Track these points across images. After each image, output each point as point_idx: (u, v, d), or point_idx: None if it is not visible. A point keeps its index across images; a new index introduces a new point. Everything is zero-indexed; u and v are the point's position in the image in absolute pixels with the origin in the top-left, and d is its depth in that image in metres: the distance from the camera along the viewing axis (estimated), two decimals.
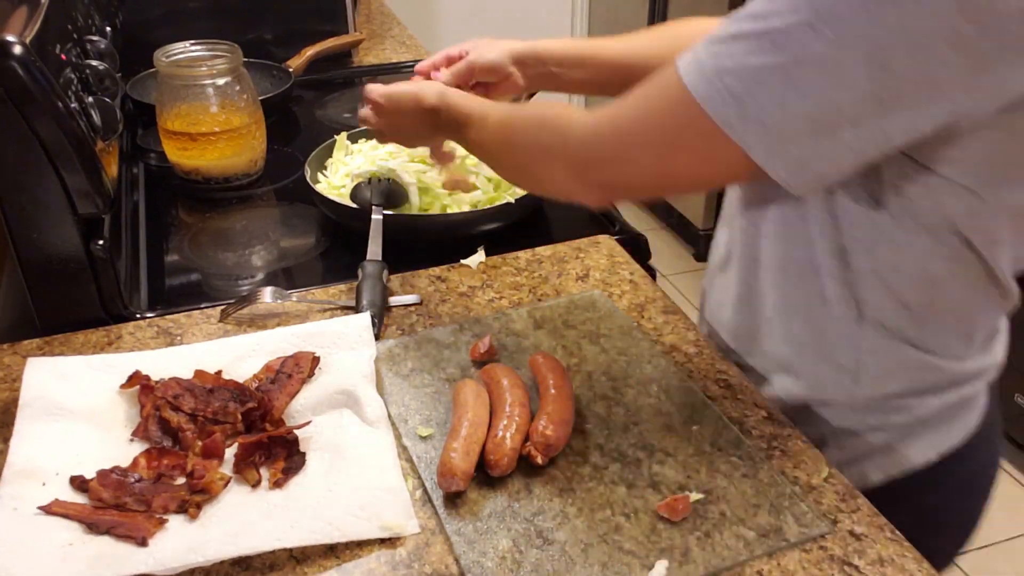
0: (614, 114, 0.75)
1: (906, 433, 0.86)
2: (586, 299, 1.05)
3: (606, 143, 0.75)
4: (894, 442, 0.86)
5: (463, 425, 0.79)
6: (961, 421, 0.87)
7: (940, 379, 0.84)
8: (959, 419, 0.87)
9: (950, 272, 0.77)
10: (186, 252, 1.22)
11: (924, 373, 0.83)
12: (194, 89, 1.30)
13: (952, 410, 0.86)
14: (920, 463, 0.86)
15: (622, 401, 0.88)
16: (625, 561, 0.71)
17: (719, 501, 0.76)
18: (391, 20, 2.31)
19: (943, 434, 0.87)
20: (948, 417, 0.86)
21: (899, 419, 0.85)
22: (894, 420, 0.85)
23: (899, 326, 0.81)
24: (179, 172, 1.36)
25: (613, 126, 0.75)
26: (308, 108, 1.69)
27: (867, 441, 0.87)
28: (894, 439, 0.86)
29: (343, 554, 0.72)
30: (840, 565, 0.71)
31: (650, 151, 0.72)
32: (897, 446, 0.86)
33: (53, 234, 0.97)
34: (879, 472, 0.87)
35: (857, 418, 0.86)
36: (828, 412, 0.87)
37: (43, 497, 0.75)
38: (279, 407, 0.85)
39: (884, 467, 0.87)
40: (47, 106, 0.92)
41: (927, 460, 0.86)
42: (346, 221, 1.21)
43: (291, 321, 1.01)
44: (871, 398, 0.85)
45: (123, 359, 0.92)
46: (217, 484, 0.76)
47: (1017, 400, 2.24)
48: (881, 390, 0.84)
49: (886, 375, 0.84)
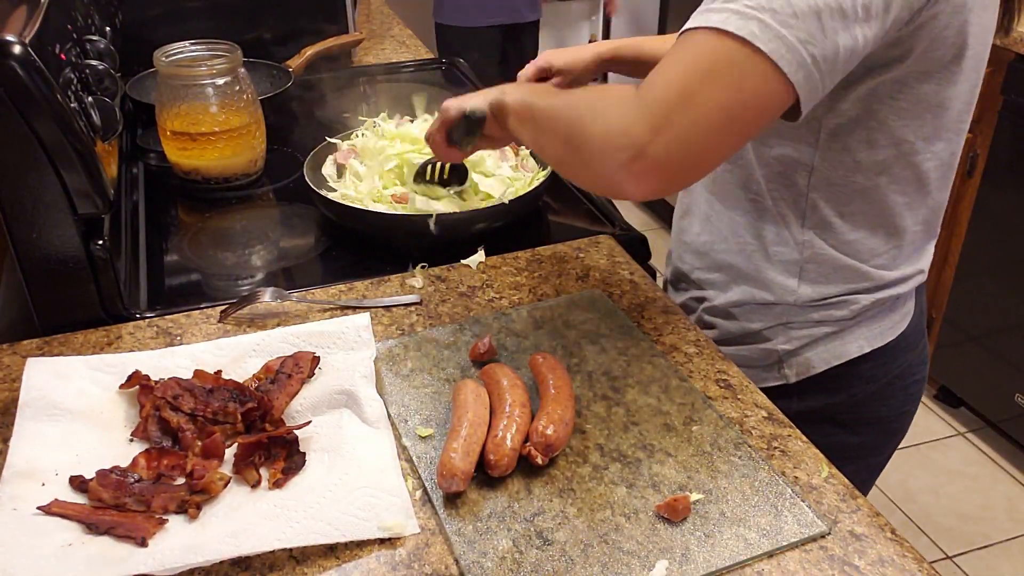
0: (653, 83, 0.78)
1: (844, 327, 1.01)
2: (586, 299, 1.05)
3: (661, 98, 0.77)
4: (834, 334, 1.02)
5: (463, 425, 0.79)
6: (890, 320, 1.03)
7: (872, 283, 0.99)
8: (888, 319, 1.03)
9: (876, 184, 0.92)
10: (186, 252, 1.22)
11: (858, 278, 0.98)
12: (194, 89, 1.29)
13: (883, 310, 1.02)
14: (855, 354, 1.02)
15: (622, 401, 0.88)
16: (625, 561, 0.71)
17: (719, 501, 0.76)
18: (391, 20, 2.31)
19: (875, 330, 1.02)
20: (880, 315, 1.02)
21: (838, 314, 1.00)
22: (834, 315, 1.00)
23: (835, 236, 0.96)
24: (179, 172, 1.36)
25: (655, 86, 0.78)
26: (308, 108, 1.69)
27: (811, 333, 1.02)
28: (834, 331, 1.02)
29: (343, 554, 0.72)
30: (840, 565, 0.71)
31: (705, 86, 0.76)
32: (836, 338, 1.02)
33: (53, 234, 0.97)
34: (821, 362, 1.03)
35: (802, 314, 1.02)
36: (778, 310, 1.03)
37: (43, 497, 0.75)
38: (279, 407, 0.85)
39: (825, 357, 1.03)
40: (47, 106, 0.92)
41: (861, 351, 1.02)
42: (346, 221, 1.20)
43: (291, 321, 1.01)
44: (812, 298, 1.00)
45: (123, 359, 0.91)
46: (217, 484, 0.76)
47: (1017, 400, 2.24)
48: (821, 292, 1.00)
49: (824, 279, 0.99)
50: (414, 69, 1.93)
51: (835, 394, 1.04)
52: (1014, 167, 2.12)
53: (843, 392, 1.04)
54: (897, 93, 0.87)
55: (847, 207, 0.95)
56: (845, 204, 0.95)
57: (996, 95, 2.10)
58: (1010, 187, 2.14)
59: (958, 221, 2.29)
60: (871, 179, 0.93)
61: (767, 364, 1.05)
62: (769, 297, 1.02)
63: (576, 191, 1.35)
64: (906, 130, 0.89)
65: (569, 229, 1.24)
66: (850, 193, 0.94)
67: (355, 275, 1.11)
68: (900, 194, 0.94)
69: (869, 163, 0.91)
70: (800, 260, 0.99)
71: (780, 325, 1.03)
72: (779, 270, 1.01)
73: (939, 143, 0.92)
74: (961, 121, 0.93)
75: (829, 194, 0.94)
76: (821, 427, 0.90)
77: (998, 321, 2.25)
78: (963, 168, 2.21)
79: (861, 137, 0.90)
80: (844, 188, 0.94)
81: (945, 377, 2.49)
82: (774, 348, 1.04)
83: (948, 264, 2.36)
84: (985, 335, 2.31)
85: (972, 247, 2.28)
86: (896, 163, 0.91)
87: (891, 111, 0.88)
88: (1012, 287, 2.18)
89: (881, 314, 1.02)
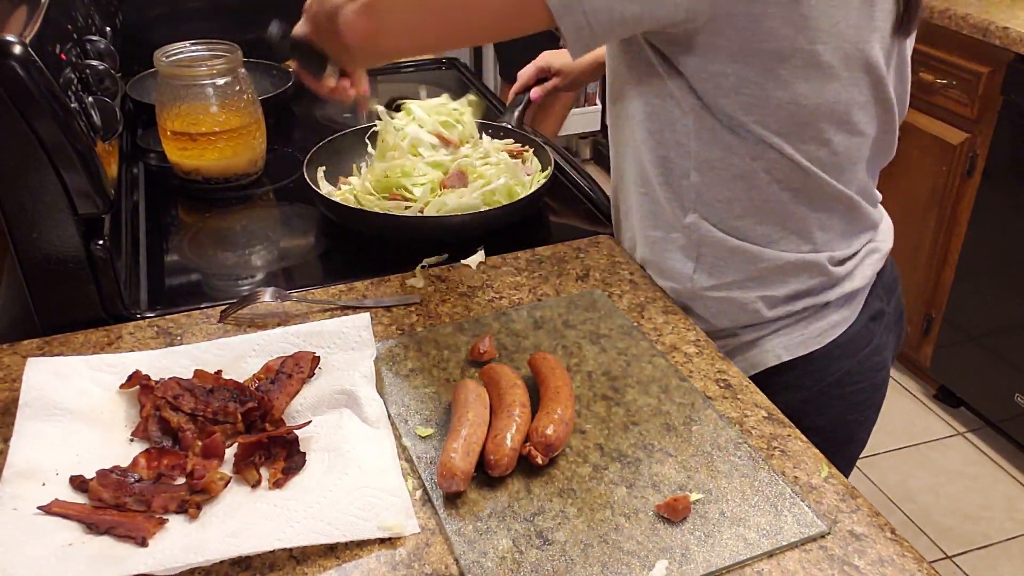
0: None
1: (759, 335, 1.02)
2: (586, 299, 1.05)
3: None
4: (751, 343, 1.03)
5: (463, 425, 0.79)
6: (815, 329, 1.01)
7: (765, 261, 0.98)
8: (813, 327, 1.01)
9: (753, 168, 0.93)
10: (186, 252, 1.22)
11: (750, 257, 0.98)
12: (194, 89, 1.29)
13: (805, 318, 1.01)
14: (772, 363, 1.02)
15: (622, 401, 0.88)
16: (625, 561, 0.71)
17: (719, 501, 0.76)
18: None
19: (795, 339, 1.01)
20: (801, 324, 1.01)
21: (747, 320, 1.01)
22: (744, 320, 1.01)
23: (721, 219, 0.97)
24: (179, 172, 1.36)
25: None
26: (308, 108, 1.69)
27: (724, 344, 1.03)
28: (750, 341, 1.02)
29: (343, 554, 0.72)
30: (840, 565, 0.71)
31: None
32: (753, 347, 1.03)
33: (53, 234, 0.97)
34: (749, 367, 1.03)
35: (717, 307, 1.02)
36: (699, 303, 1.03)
37: (43, 497, 0.75)
38: (279, 407, 0.85)
39: (743, 366, 1.02)
40: (47, 106, 0.92)
41: (779, 359, 1.02)
42: (346, 221, 1.21)
43: (291, 321, 1.01)
44: (715, 286, 1.00)
45: (123, 359, 0.92)
46: (217, 484, 0.76)
47: (1017, 400, 2.24)
48: (720, 279, 1.00)
49: (722, 265, 0.99)
50: (414, 69, 1.93)
51: None
52: (1014, 167, 2.12)
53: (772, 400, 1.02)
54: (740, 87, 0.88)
55: (728, 194, 0.96)
56: (726, 190, 0.96)
57: (996, 95, 2.11)
58: (1010, 187, 2.14)
59: (958, 221, 2.29)
60: (747, 164, 0.93)
61: None
62: (675, 285, 1.04)
63: (576, 191, 1.35)
64: (760, 127, 0.91)
65: (569, 229, 1.24)
66: (729, 179, 0.95)
67: (355, 275, 1.11)
68: (784, 186, 0.95)
69: (739, 148, 0.93)
70: (693, 244, 1.00)
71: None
72: (677, 257, 1.02)
73: (813, 143, 0.92)
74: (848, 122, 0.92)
75: (710, 177, 0.95)
76: None
77: (998, 321, 2.25)
78: (963, 168, 2.22)
79: (724, 122, 0.91)
80: (722, 172, 0.95)
81: (945, 377, 2.49)
82: None
83: (948, 264, 2.36)
84: (985, 335, 2.31)
85: (972, 247, 2.28)
86: (766, 154, 0.92)
87: (738, 105, 0.90)
88: (1012, 287, 2.18)
89: (801, 323, 1.02)
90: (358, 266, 1.14)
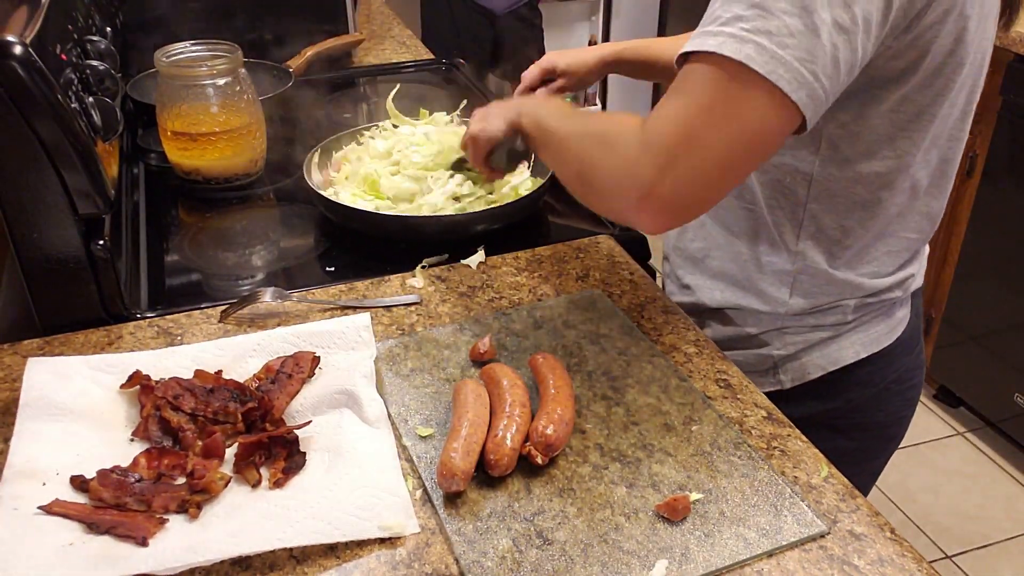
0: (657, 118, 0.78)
1: (839, 332, 1.01)
2: (586, 299, 1.05)
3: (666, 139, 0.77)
4: (829, 339, 1.02)
5: (463, 425, 0.79)
6: (886, 326, 1.03)
7: (865, 292, 0.99)
8: (884, 324, 1.03)
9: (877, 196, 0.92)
10: (186, 252, 1.22)
11: (851, 288, 0.98)
12: (194, 89, 1.29)
13: (878, 315, 1.02)
14: (851, 360, 1.02)
15: (622, 401, 0.88)
16: (625, 561, 0.71)
17: (719, 501, 0.76)
18: (391, 20, 2.31)
19: (871, 335, 1.02)
20: (874, 321, 1.02)
21: (832, 319, 1.00)
22: (828, 320, 1.00)
23: (829, 247, 0.96)
24: (179, 172, 1.36)
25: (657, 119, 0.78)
26: (308, 108, 1.69)
27: (806, 339, 1.02)
28: (829, 337, 1.01)
29: (343, 554, 0.72)
30: (840, 565, 0.71)
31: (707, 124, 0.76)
32: (831, 343, 1.02)
33: (53, 234, 0.97)
34: (816, 368, 1.03)
35: (797, 320, 1.01)
36: (771, 316, 1.02)
37: (43, 497, 0.75)
38: (279, 407, 0.85)
39: (820, 363, 1.02)
40: (47, 106, 0.92)
41: (857, 356, 1.02)
42: (346, 221, 1.21)
43: (291, 321, 1.01)
44: (804, 309, 1.00)
45: (123, 359, 0.92)
46: (217, 484, 0.76)
47: (1016, 400, 2.24)
48: (813, 303, 1.00)
49: (817, 291, 0.99)
50: (414, 69, 1.93)
51: (831, 400, 1.04)
52: (1013, 167, 2.12)
53: (839, 397, 1.04)
54: (898, 105, 0.86)
55: (846, 219, 0.94)
56: (844, 216, 0.94)
57: (995, 95, 2.11)
58: (1009, 187, 2.14)
59: (957, 221, 2.29)
60: (872, 191, 0.92)
61: (763, 369, 1.05)
62: (762, 307, 1.02)
63: None
64: (905, 140, 0.88)
65: (569, 229, 1.24)
66: (849, 205, 0.93)
67: (355, 275, 1.11)
68: (895, 204, 0.94)
69: (869, 173, 0.90)
70: (792, 272, 0.99)
71: (775, 331, 1.03)
72: (771, 281, 1.01)
73: (933, 151, 0.92)
74: (958, 129, 0.92)
75: (829, 205, 0.93)
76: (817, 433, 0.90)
77: (997, 321, 2.25)
78: (963, 168, 2.22)
79: (861, 148, 0.89)
80: (843, 199, 0.93)
81: (945, 377, 2.49)
82: (769, 354, 1.04)
83: (948, 264, 2.36)
84: (984, 335, 2.31)
85: (971, 247, 2.28)
86: (894, 172, 0.91)
87: (890, 122, 0.87)
88: (1012, 287, 2.18)
89: (876, 320, 1.02)
90: (358, 266, 1.14)
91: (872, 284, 0.98)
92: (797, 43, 0.72)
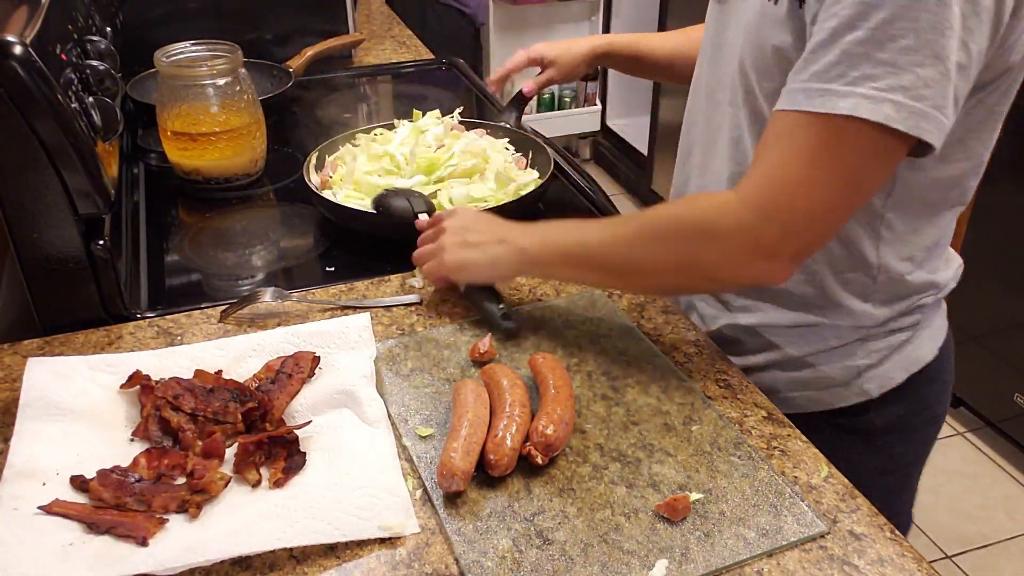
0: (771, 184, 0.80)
1: (915, 332, 1.00)
2: (586, 299, 1.05)
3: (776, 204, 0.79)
4: (907, 341, 1.00)
5: (463, 425, 0.79)
6: (940, 318, 1.04)
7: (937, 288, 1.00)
8: (939, 316, 1.04)
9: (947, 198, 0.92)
10: (186, 252, 1.22)
11: (924, 288, 0.98)
12: (194, 89, 1.30)
13: (937, 310, 1.03)
14: (929, 358, 1.01)
15: (622, 401, 0.88)
16: (625, 561, 0.71)
17: (719, 501, 0.76)
18: (391, 20, 2.31)
19: (936, 329, 1.03)
20: (934, 315, 1.03)
21: (909, 320, 0.99)
22: (906, 323, 0.99)
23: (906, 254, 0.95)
24: (179, 172, 1.36)
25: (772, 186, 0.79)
26: (308, 108, 1.70)
27: (888, 343, 0.99)
28: (907, 339, 1.00)
29: (343, 554, 0.72)
30: (840, 565, 0.71)
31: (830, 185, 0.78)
32: (909, 344, 1.00)
33: (53, 234, 0.97)
34: (900, 371, 1.00)
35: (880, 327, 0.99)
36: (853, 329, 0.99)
37: (43, 497, 0.75)
38: (279, 407, 0.85)
39: (903, 365, 1.00)
40: (48, 106, 0.92)
41: (932, 353, 1.02)
42: (346, 221, 1.21)
43: (291, 321, 1.01)
44: (888, 317, 0.98)
45: (123, 359, 0.92)
46: (217, 484, 0.76)
47: (1017, 400, 2.24)
48: (895, 310, 0.98)
49: (896, 298, 0.97)
50: (414, 69, 1.93)
51: (910, 402, 1.03)
52: (1014, 167, 2.12)
53: (916, 398, 1.03)
54: (971, 108, 0.85)
55: (917, 222, 0.93)
56: (916, 219, 0.93)
57: None
58: (1010, 187, 2.14)
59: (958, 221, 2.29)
60: (943, 193, 0.92)
61: (845, 381, 1.01)
62: (843, 321, 0.98)
63: (576, 191, 1.35)
64: (975, 141, 0.89)
65: None
66: (920, 208, 0.92)
67: (355, 275, 1.11)
68: (950, 205, 0.95)
69: (943, 178, 0.90)
70: (873, 283, 0.96)
71: (858, 341, 0.99)
72: (851, 294, 0.97)
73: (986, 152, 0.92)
74: None
75: (904, 212, 0.92)
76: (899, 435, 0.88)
77: (998, 321, 2.25)
78: None
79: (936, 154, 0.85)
80: (917, 204, 0.92)
81: None
82: (854, 364, 1.00)
83: None
84: (985, 335, 2.31)
85: (972, 247, 2.27)
86: (965, 176, 0.91)
87: (962, 125, 0.86)
88: (1012, 287, 2.18)
89: (935, 313, 1.03)
90: (358, 266, 1.14)
91: (942, 279, 0.99)
92: (933, 92, 0.73)
